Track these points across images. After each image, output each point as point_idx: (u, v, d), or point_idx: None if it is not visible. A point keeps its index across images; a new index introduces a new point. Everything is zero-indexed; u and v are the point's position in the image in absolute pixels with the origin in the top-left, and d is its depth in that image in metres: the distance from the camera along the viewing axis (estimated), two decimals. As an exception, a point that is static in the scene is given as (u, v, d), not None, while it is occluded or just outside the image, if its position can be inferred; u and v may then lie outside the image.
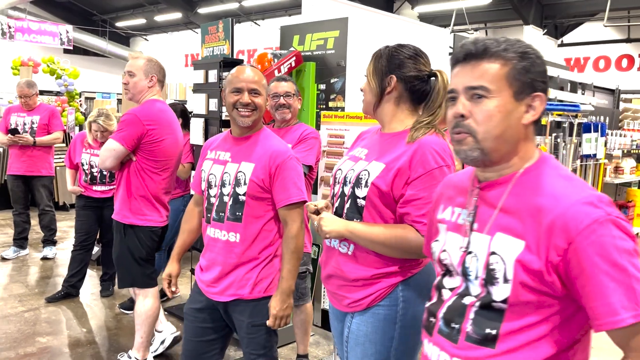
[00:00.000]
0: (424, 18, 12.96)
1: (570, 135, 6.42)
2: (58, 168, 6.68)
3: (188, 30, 18.53)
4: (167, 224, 3.15)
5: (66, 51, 16.66)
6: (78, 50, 18.17)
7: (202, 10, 16.33)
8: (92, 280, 4.90)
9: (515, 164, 1.19)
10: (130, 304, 4.25)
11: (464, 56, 1.18)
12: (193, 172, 3.64)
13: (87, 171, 4.31)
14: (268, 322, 2.11)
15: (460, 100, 1.17)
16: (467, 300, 1.20)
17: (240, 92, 2.12)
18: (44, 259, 5.53)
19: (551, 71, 6.12)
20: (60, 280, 4.65)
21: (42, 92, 6.55)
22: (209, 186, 2.22)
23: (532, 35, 11.74)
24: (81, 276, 4.49)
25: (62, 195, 7.88)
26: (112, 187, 4.34)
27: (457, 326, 1.21)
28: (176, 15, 17.27)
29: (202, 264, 2.27)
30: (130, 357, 3.23)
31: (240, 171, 2.12)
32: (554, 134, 6.26)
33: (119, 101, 14.49)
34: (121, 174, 3.01)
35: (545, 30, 12.14)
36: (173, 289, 2.38)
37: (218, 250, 2.17)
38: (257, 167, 2.10)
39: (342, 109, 3.73)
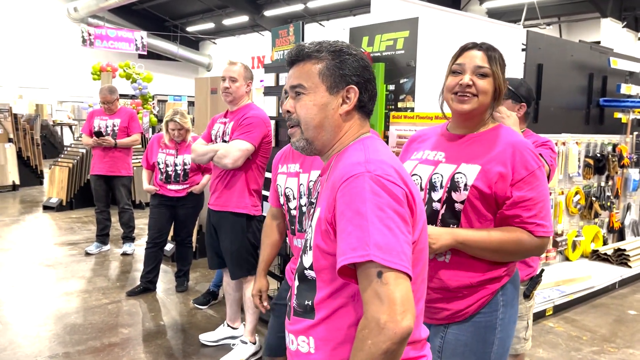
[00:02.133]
0: (493, 14, 12.60)
1: (654, 133, 6.06)
2: (135, 168, 7.03)
3: (254, 33, 18.94)
4: None
5: (140, 56, 17.45)
6: (151, 54, 18.98)
7: (268, 13, 16.65)
8: (167, 276, 5.13)
9: (337, 147, 1.32)
10: (203, 300, 4.42)
11: (289, 62, 1.34)
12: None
13: (162, 170, 4.49)
14: None
15: (287, 99, 1.34)
16: (293, 276, 1.33)
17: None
18: (124, 254, 5.84)
19: (632, 66, 5.80)
20: (138, 274, 4.90)
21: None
22: (287, 199, 2.28)
23: (611, 29, 11.14)
24: (156, 272, 4.70)
25: (139, 194, 8.28)
26: (185, 186, 4.52)
27: (289, 303, 1.34)
28: (243, 19, 17.70)
29: (291, 268, 2.35)
30: (245, 342, 3.48)
31: (311, 180, 2.20)
32: (635, 133, 5.94)
33: (190, 103, 15.03)
34: (233, 172, 3.26)
35: (625, 23, 11.48)
36: (265, 303, 2.42)
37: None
38: None
39: (412, 109, 3.70)
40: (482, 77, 1.71)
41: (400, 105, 3.80)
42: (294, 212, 2.26)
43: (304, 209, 2.19)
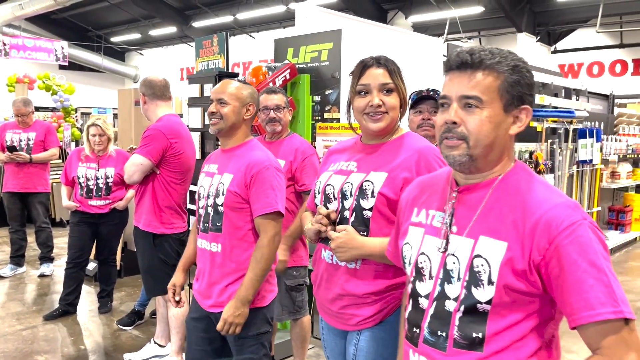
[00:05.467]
0: (418, 28, 13.03)
1: (566, 141, 6.44)
2: (54, 184, 6.66)
3: (183, 44, 18.59)
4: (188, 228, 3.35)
5: (61, 67, 16.66)
6: (73, 66, 18.19)
7: (197, 24, 16.39)
8: (89, 296, 4.87)
9: (497, 170, 1.25)
10: (128, 320, 4.22)
11: (459, 65, 1.21)
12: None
13: (83, 184, 4.27)
14: (217, 326, 2.10)
15: (453, 108, 1.21)
16: (449, 305, 1.22)
17: (212, 103, 2.20)
18: (42, 276, 5.49)
19: (545, 78, 6.16)
20: (58, 297, 4.61)
21: (37, 109, 6.55)
22: (199, 198, 2.27)
23: (526, 43, 11.82)
24: (77, 294, 4.45)
25: (59, 211, 7.85)
26: (107, 201, 4.32)
27: (443, 334, 1.23)
28: (171, 30, 17.33)
29: (196, 273, 2.31)
30: None
31: (221, 182, 2.17)
32: (549, 140, 6.28)
33: (115, 116, 14.49)
34: (144, 187, 3.17)
35: (539, 38, 12.22)
36: (177, 298, 2.40)
37: (204, 260, 2.22)
38: (235, 178, 2.14)
39: (338, 120, 3.74)
40: (388, 94, 1.74)
41: (326, 116, 3.82)
42: (201, 211, 2.24)
43: (209, 209, 2.18)
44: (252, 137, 2.31)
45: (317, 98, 3.84)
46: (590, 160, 6.69)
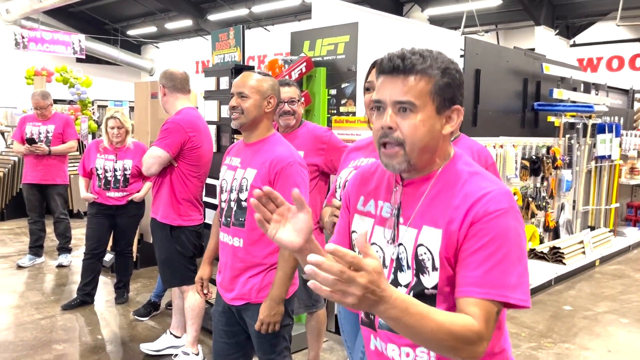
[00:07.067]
0: (434, 21, 12.92)
1: (585, 136, 6.36)
2: (72, 176, 6.75)
3: (198, 37, 18.66)
4: (204, 221, 3.41)
5: (78, 60, 16.82)
6: (90, 59, 18.36)
7: (212, 17, 16.43)
8: (106, 287, 4.93)
9: (433, 167, 1.28)
10: (144, 311, 4.27)
11: (391, 69, 1.23)
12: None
13: (101, 176, 4.31)
14: (255, 326, 2.11)
15: (388, 113, 1.22)
16: (401, 292, 1.28)
17: (232, 97, 2.19)
18: (59, 266, 5.57)
19: (563, 72, 6.07)
20: (75, 287, 4.68)
21: (55, 101, 6.61)
22: (221, 191, 2.27)
23: (544, 36, 11.66)
24: (94, 284, 4.51)
25: (77, 202, 7.95)
26: (125, 193, 4.36)
27: (372, 316, 1.27)
28: (186, 23, 17.39)
29: (219, 266, 2.32)
30: (187, 354, 3.39)
31: (245, 177, 2.16)
32: (567, 135, 6.21)
33: (131, 109, 14.60)
34: (162, 179, 3.21)
35: (557, 31, 12.04)
36: (205, 291, 2.42)
37: (226, 254, 2.23)
38: (259, 174, 2.12)
39: (353, 113, 3.72)
40: None
41: (342, 109, 3.81)
42: (223, 205, 2.25)
43: (232, 203, 2.19)
44: (275, 130, 2.29)
45: (333, 91, 3.83)
46: (609, 156, 6.60)
